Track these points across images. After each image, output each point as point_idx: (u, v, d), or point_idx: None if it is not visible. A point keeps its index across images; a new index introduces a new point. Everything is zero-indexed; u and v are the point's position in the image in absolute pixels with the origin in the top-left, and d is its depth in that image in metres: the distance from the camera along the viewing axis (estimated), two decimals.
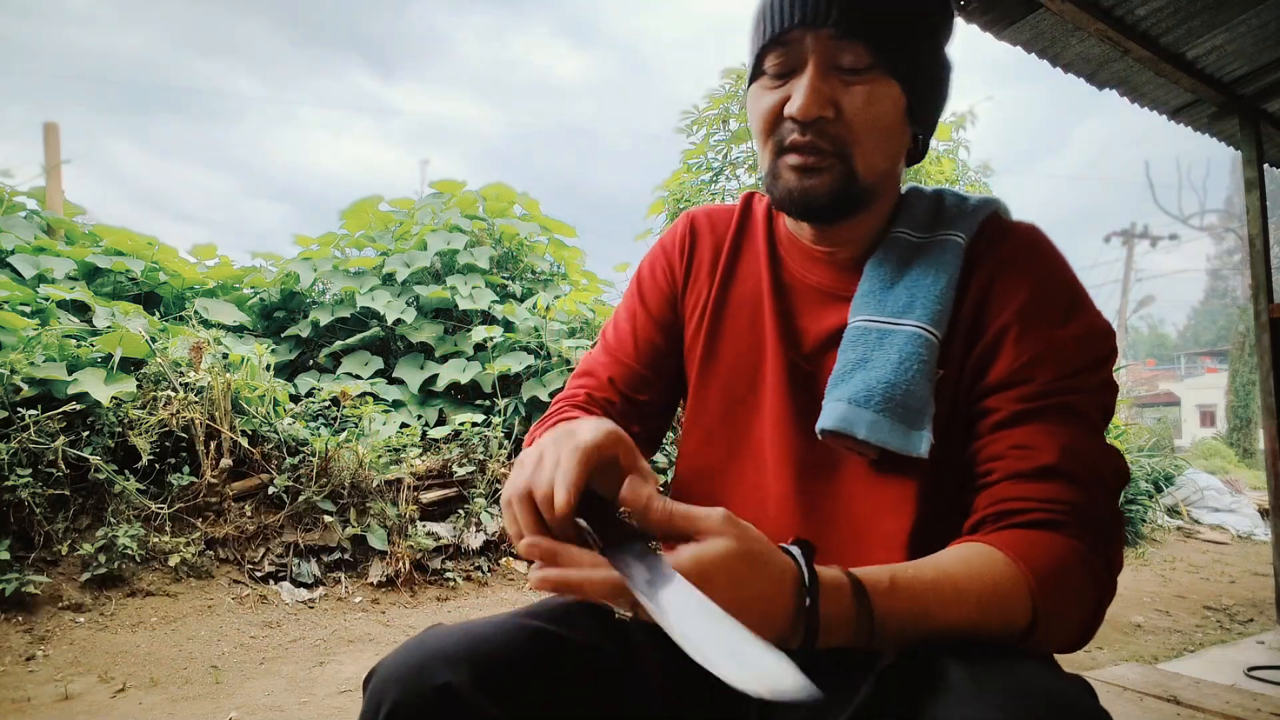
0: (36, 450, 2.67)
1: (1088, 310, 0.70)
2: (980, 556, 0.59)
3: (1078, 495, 0.62)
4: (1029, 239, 0.74)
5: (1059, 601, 0.58)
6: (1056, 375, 0.66)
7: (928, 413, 0.68)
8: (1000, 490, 0.64)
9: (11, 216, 3.86)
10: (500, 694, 0.60)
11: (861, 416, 0.69)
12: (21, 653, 2.29)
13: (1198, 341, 41.17)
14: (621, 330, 0.88)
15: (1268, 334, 3.02)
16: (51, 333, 2.96)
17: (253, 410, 3.22)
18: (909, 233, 0.76)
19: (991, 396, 0.68)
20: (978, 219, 0.75)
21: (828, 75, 0.68)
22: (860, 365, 0.71)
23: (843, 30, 0.66)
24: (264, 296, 4.58)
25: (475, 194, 5.25)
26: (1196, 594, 3.90)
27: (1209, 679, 2.12)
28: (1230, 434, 14.51)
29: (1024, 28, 2.60)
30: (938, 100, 0.75)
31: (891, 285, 0.73)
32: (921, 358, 0.69)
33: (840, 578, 0.53)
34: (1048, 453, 0.63)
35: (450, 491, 3.51)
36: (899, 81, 0.69)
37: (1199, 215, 31.31)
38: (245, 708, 2.07)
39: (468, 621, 0.66)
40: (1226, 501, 6.18)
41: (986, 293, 0.71)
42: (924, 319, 0.70)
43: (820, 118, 0.68)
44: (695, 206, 0.91)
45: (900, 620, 0.54)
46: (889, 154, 0.72)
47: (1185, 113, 3.29)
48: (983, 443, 0.68)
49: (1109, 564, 0.62)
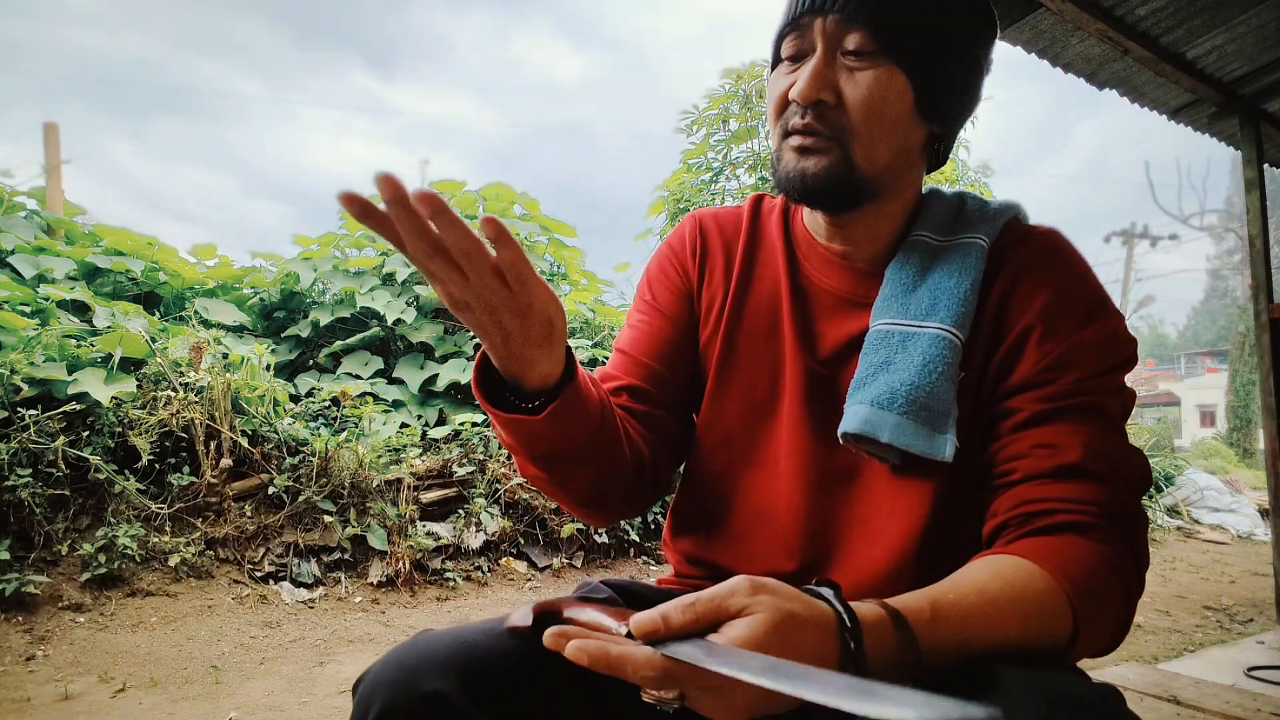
0: (36, 450, 2.67)
1: (1111, 314, 0.70)
2: (1018, 571, 0.57)
3: (1104, 494, 0.61)
4: (1051, 242, 0.74)
5: (1097, 610, 0.57)
6: (1080, 377, 0.66)
7: (952, 415, 0.68)
8: (1023, 491, 0.63)
9: (11, 216, 3.86)
10: (489, 702, 0.59)
11: (885, 419, 0.68)
12: (21, 653, 2.29)
13: (1198, 341, 41.18)
14: (635, 329, 0.85)
15: (1268, 334, 3.02)
16: (51, 333, 2.96)
17: (253, 410, 3.22)
18: (930, 235, 0.75)
19: (1014, 397, 0.68)
20: (1000, 222, 0.75)
21: (833, 61, 0.68)
22: (883, 368, 0.70)
23: (847, 14, 0.66)
24: (264, 296, 4.58)
25: (475, 194, 5.25)
26: (1196, 594, 3.90)
27: (1209, 679, 2.12)
28: (1230, 434, 14.51)
29: (1024, 28, 2.60)
30: (957, 99, 0.72)
31: (914, 288, 0.72)
32: (946, 360, 0.68)
33: (878, 613, 0.51)
34: (1072, 451, 0.63)
35: (450, 491, 3.51)
36: (904, 70, 0.67)
37: (1199, 215, 31.35)
38: (245, 708, 2.07)
39: (458, 626, 0.65)
40: (1226, 501, 6.18)
41: (1009, 295, 0.71)
42: (948, 321, 0.69)
43: (820, 101, 0.67)
44: (698, 208, 0.90)
45: (945, 648, 0.52)
46: (893, 147, 0.70)
47: (1185, 113, 3.29)
48: (1004, 442, 0.67)
49: (1138, 563, 0.61)
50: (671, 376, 0.83)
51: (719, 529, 0.81)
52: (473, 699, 0.58)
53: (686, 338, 0.84)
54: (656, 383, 0.82)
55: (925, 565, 0.70)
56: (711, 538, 0.82)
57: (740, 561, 0.79)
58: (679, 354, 0.84)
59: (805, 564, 0.75)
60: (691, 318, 0.85)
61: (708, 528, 0.82)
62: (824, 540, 0.74)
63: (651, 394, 0.82)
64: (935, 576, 0.70)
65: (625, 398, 0.81)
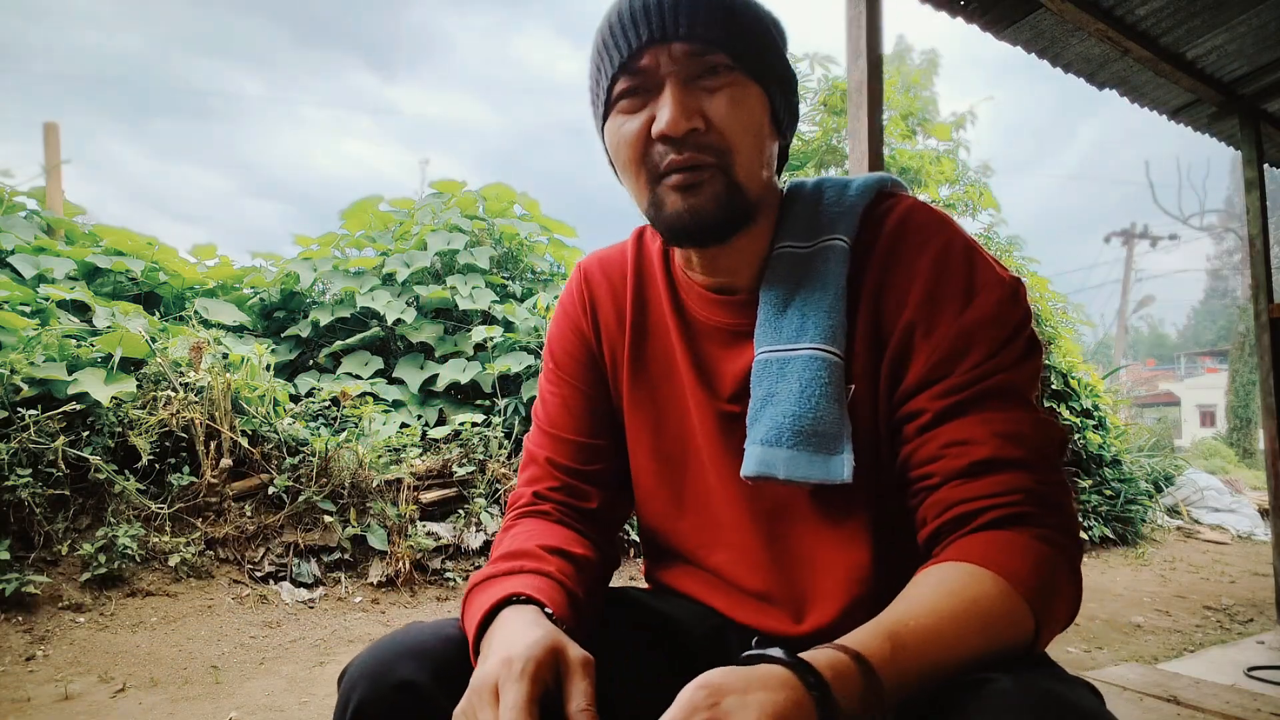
0: (36, 450, 2.67)
1: (988, 279, 0.66)
2: (969, 582, 0.56)
3: (1025, 480, 0.60)
4: (908, 222, 0.70)
5: (1051, 600, 0.57)
6: (974, 362, 0.64)
7: (844, 435, 0.66)
8: (946, 494, 0.62)
9: (11, 216, 3.86)
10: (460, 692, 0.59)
11: (777, 456, 0.67)
12: (21, 653, 2.29)
13: (1198, 341, 41.16)
14: (550, 405, 0.83)
15: (1268, 334, 3.02)
16: (51, 333, 2.96)
17: (253, 410, 3.22)
18: (793, 245, 0.73)
19: (914, 398, 0.66)
20: (857, 213, 0.72)
21: (688, 87, 0.65)
22: (768, 401, 0.69)
23: (696, 39, 0.64)
24: (264, 296, 4.58)
25: (475, 194, 5.25)
26: (1196, 594, 3.90)
27: (1209, 679, 2.12)
28: (1230, 434, 14.51)
29: (1024, 28, 2.60)
30: (795, 108, 0.73)
31: (784, 309, 0.70)
32: (823, 381, 0.67)
33: (839, 658, 0.49)
34: (984, 444, 0.61)
35: (450, 491, 3.51)
36: (758, 83, 0.67)
37: (1199, 215, 31.36)
38: (245, 708, 2.07)
39: (443, 619, 0.67)
40: (1226, 501, 6.17)
41: (882, 290, 0.69)
42: (818, 339, 0.67)
43: (693, 129, 0.65)
44: (585, 256, 0.88)
45: (909, 680, 0.50)
46: (765, 160, 0.70)
47: (1185, 113, 3.30)
48: (913, 446, 0.65)
49: (1073, 535, 0.61)
50: (602, 444, 0.82)
51: (676, 568, 0.82)
52: (443, 689, 0.60)
53: (600, 402, 0.83)
54: (591, 457, 0.81)
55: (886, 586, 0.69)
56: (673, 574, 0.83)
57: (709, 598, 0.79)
58: (599, 422, 0.82)
59: (769, 600, 0.74)
60: (599, 377, 0.83)
61: (667, 567, 0.84)
62: (780, 575, 0.74)
63: (589, 473, 0.81)
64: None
65: (563, 495, 0.80)
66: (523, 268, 5.23)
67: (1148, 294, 35.08)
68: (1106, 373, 6.97)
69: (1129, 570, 4.46)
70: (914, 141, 6.89)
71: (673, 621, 0.77)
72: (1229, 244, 34.71)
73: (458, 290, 4.45)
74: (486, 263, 4.78)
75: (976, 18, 2.52)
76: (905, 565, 0.69)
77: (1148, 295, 30.40)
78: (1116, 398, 6.74)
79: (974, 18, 2.51)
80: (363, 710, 0.60)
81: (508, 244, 5.15)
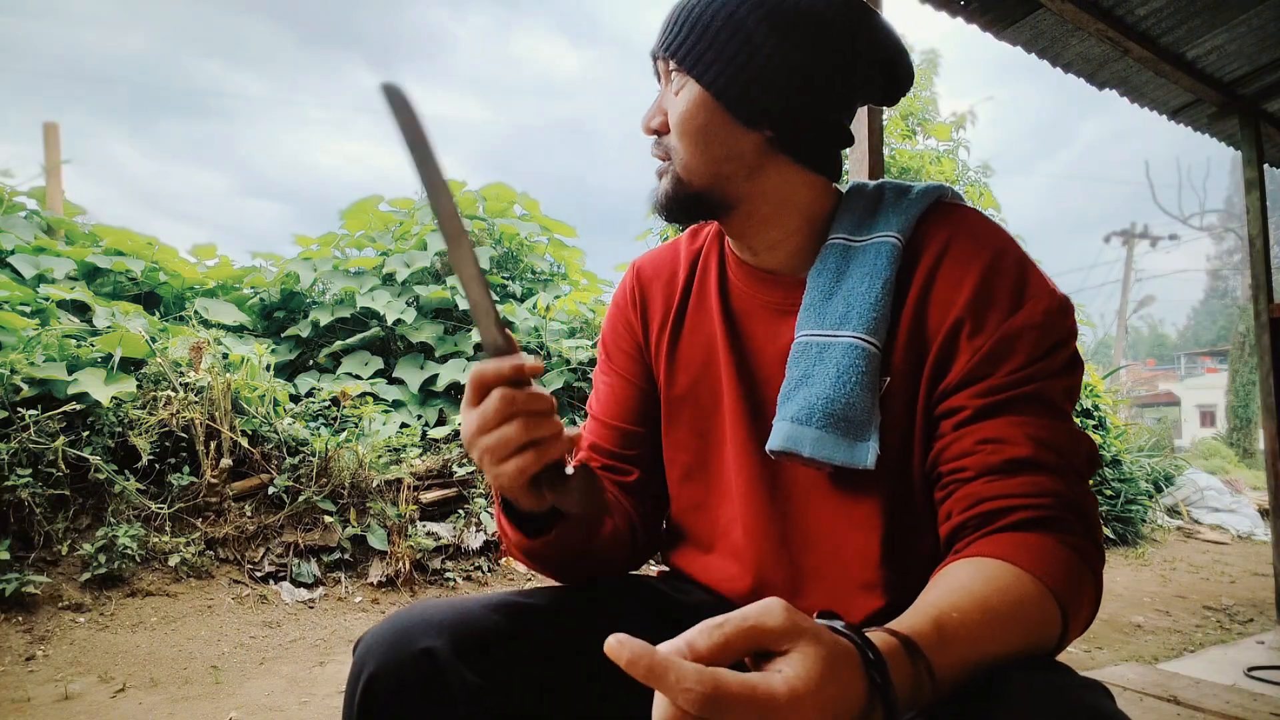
0: (36, 450, 2.67)
1: (1039, 289, 0.67)
2: (1008, 578, 0.56)
3: (1057, 485, 0.61)
4: (966, 226, 0.71)
5: (1079, 607, 0.58)
6: (1017, 365, 0.65)
7: (872, 424, 0.68)
8: (978, 488, 0.63)
9: (11, 216, 3.86)
10: (478, 662, 0.62)
11: (805, 434, 0.69)
12: (21, 653, 2.29)
13: (1198, 341, 41.15)
14: (600, 393, 0.90)
15: (1268, 334, 3.02)
16: (51, 333, 2.96)
17: (253, 410, 3.22)
18: (845, 237, 0.75)
19: (954, 396, 0.67)
20: (914, 213, 0.73)
21: (664, 93, 0.75)
22: (803, 382, 0.71)
23: (659, 52, 0.75)
24: (264, 296, 4.58)
25: (475, 194, 5.25)
26: (1196, 594, 3.90)
27: (1209, 679, 2.12)
28: (1230, 434, 14.52)
29: (1024, 28, 2.60)
30: (779, 96, 0.70)
31: (830, 295, 0.72)
32: (860, 369, 0.68)
33: (891, 642, 0.46)
34: (1019, 445, 0.62)
35: (450, 491, 3.51)
36: (701, 83, 0.71)
37: (1199, 215, 31.36)
38: (245, 708, 2.07)
39: (459, 596, 0.69)
40: (1226, 501, 6.18)
41: (929, 290, 0.70)
42: (860, 329, 0.69)
43: (656, 131, 0.75)
44: (639, 256, 0.93)
45: (955, 670, 0.49)
46: (711, 156, 0.72)
47: (1185, 113, 3.29)
48: (948, 440, 0.66)
49: (1098, 547, 0.62)
50: (645, 433, 0.86)
51: (695, 554, 0.84)
52: (462, 658, 0.61)
53: (648, 394, 0.87)
54: (632, 443, 0.86)
55: (893, 575, 0.71)
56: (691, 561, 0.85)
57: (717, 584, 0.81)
58: (644, 410, 0.87)
59: (772, 582, 0.76)
60: (647, 371, 0.88)
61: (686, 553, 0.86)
62: (787, 557, 0.75)
63: (630, 456, 0.86)
64: (901, 585, 0.70)
65: (602, 472, 0.84)
66: (523, 268, 5.23)
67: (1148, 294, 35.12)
68: (1107, 373, 6.97)
69: (1129, 570, 4.46)
70: (914, 141, 6.90)
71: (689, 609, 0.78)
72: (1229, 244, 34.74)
73: (458, 290, 4.45)
74: (486, 263, 4.78)
75: (976, 18, 2.52)
76: (907, 564, 0.71)
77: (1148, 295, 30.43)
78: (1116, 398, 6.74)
79: (974, 18, 2.51)
80: (378, 677, 0.60)
81: (508, 244, 5.15)
